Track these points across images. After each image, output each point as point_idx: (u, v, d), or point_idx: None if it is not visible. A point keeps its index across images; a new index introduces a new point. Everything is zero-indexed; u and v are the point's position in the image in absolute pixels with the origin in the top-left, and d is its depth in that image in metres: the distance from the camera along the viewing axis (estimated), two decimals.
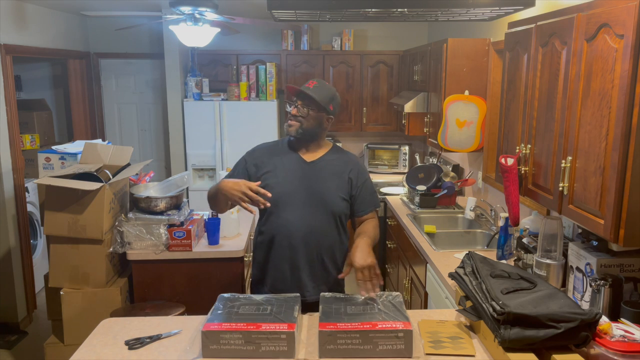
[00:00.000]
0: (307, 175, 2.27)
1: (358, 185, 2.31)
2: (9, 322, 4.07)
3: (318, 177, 2.27)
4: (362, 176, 2.34)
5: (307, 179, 2.26)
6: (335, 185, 2.27)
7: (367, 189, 2.34)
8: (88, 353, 1.81)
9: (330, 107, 2.26)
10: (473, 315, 1.85)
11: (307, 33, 5.32)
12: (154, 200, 3.00)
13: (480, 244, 3.33)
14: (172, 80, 5.12)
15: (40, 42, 4.57)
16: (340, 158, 2.34)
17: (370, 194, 2.36)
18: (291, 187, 2.24)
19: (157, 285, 3.02)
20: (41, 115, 5.30)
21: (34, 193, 4.37)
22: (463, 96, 3.63)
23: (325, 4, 2.70)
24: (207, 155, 5.09)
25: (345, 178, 2.29)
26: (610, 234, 1.72)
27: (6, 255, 4.03)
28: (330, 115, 2.29)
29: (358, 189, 2.32)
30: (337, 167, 2.31)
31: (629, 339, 1.61)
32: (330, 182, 2.27)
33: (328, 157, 2.32)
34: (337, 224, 2.30)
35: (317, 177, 2.27)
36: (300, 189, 2.24)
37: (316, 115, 2.24)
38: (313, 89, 2.23)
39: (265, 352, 1.71)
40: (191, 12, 3.86)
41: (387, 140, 5.66)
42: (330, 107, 2.26)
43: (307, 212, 2.23)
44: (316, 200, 2.24)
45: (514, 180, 2.36)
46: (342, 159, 2.34)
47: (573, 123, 1.94)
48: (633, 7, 1.56)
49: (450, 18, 3.13)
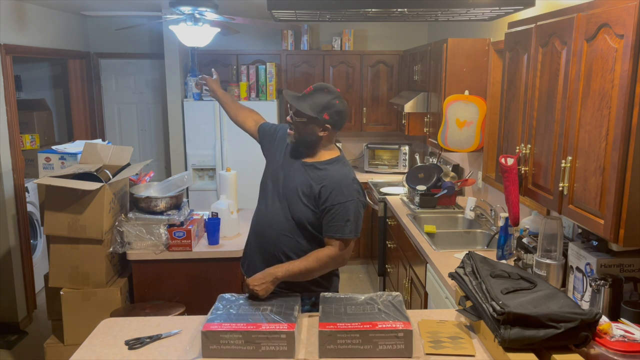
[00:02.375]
0: (288, 171, 2.24)
1: (326, 205, 2.11)
2: (9, 322, 4.07)
3: (293, 176, 2.20)
4: (335, 199, 2.10)
5: (285, 175, 2.25)
6: (302, 190, 2.15)
7: (333, 213, 2.10)
8: (88, 353, 1.81)
9: (324, 116, 2.11)
10: (473, 315, 1.85)
11: (307, 33, 5.32)
12: (154, 200, 3.00)
13: (480, 244, 3.33)
14: (172, 80, 5.12)
15: (40, 42, 4.57)
16: (326, 169, 2.18)
17: (335, 220, 2.10)
18: (274, 179, 2.28)
19: (157, 285, 3.02)
20: (41, 115, 5.30)
21: (34, 193, 4.37)
22: (463, 96, 3.63)
23: (325, 4, 2.70)
24: (207, 155, 5.09)
25: (316, 189, 2.13)
26: (610, 234, 1.72)
27: (6, 255, 4.03)
28: (326, 124, 2.13)
29: (325, 209, 2.12)
30: (315, 175, 2.17)
31: (629, 339, 1.61)
32: (300, 185, 2.17)
33: (317, 164, 2.20)
34: (299, 229, 2.18)
35: (293, 175, 2.21)
36: (277, 183, 2.26)
37: (306, 125, 2.14)
38: (303, 96, 2.15)
39: (265, 352, 1.71)
40: (191, 12, 3.85)
41: (387, 140, 5.66)
42: (324, 116, 2.11)
43: (274, 206, 2.24)
44: (283, 197, 2.21)
45: (514, 180, 2.36)
46: (326, 170, 2.17)
47: (573, 123, 1.94)
48: (633, 7, 1.57)
49: (450, 18, 3.13)
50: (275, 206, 2.23)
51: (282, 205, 2.21)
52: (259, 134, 2.51)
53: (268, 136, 2.45)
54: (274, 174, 2.29)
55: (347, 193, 2.12)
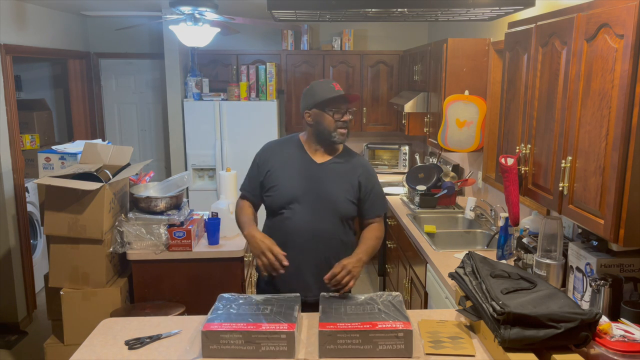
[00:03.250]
0: (316, 176, 2.27)
1: (367, 189, 2.31)
2: (9, 322, 4.07)
3: (327, 179, 2.27)
4: (372, 180, 2.34)
5: (315, 181, 2.26)
6: (344, 188, 2.27)
7: (375, 193, 2.34)
8: (88, 353, 1.81)
9: None
10: (473, 315, 1.85)
11: (307, 33, 5.32)
12: (154, 200, 3.00)
13: (480, 244, 3.33)
14: (172, 80, 5.12)
15: (40, 42, 4.57)
16: (350, 161, 2.34)
17: (378, 199, 2.36)
18: (300, 188, 2.24)
19: (157, 285, 3.02)
20: (41, 115, 5.30)
21: (34, 193, 4.37)
22: (463, 96, 3.63)
23: (325, 4, 2.70)
24: (207, 155, 5.09)
25: (355, 182, 2.29)
26: (610, 234, 1.72)
27: (6, 255, 4.03)
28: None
29: (367, 193, 2.31)
30: (347, 169, 2.30)
31: (629, 339, 1.61)
32: (339, 185, 2.27)
33: (338, 159, 2.32)
34: (345, 226, 2.30)
35: (326, 179, 2.27)
36: (309, 191, 2.24)
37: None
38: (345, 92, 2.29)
39: (265, 352, 1.71)
40: (191, 12, 3.85)
41: (387, 140, 5.66)
42: None
43: (316, 214, 2.23)
44: (324, 203, 2.24)
45: (514, 180, 2.36)
46: (352, 161, 2.34)
47: (573, 123, 1.94)
48: (633, 7, 1.56)
49: (450, 18, 3.13)
50: (316, 216, 2.23)
51: (325, 211, 2.24)
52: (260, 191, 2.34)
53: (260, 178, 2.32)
54: (300, 185, 2.25)
55: (373, 173, 2.39)
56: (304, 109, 2.29)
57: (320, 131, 2.27)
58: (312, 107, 2.26)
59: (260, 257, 2.10)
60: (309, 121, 2.29)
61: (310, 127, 2.30)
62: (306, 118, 2.29)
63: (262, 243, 2.12)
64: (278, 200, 2.24)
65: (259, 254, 2.11)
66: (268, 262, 2.08)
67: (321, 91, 2.24)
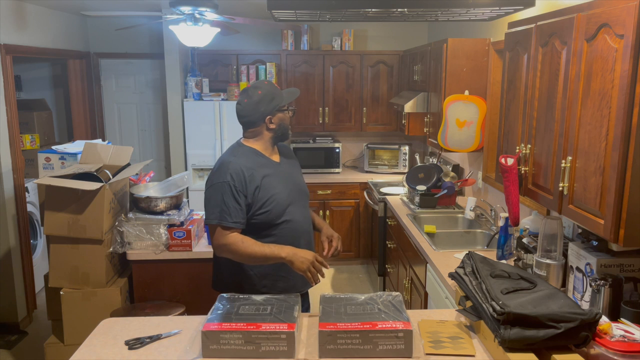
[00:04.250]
0: (285, 174, 2.33)
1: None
2: (9, 322, 4.07)
3: (293, 174, 2.38)
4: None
5: (288, 179, 2.32)
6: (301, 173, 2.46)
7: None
8: (88, 353, 1.81)
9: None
10: (473, 315, 1.85)
11: (307, 33, 5.32)
12: (154, 200, 3.00)
13: (480, 244, 3.33)
14: (172, 80, 5.12)
15: (40, 42, 4.57)
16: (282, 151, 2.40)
17: None
18: (286, 191, 2.26)
19: (157, 285, 3.03)
20: (41, 115, 5.30)
21: (34, 193, 4.37)
22: (463, 96, 3.63)
23: (325, 4, 2.70)
24: (207, 155, 5.09)
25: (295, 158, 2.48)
26: (610, 234, 1.72)
27: (6, 255, 4.03)
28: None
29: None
30: (291, 159, 2.43)
31: (629, 339, 1.61)
32: (300, 175, 2.44)
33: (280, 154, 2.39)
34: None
35: (292, 173, 2.38)
36: (291, 190, 2.29)
37: None
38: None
39: (265, 352, 1.71)
40: (191, 12, 3.85)
41: (387, 140, 5.66)
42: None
43: (304, 209, 2.36)
44: (302, 195, 2.37)
45: (514, 180, 2.36)
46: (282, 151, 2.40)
47: (573, 123, 1.94)
48: (633, 7, 1.56)
49: (450, 18, 3.13)
50: (304, 210, 2.36)
51: (304, 202, 2.37)
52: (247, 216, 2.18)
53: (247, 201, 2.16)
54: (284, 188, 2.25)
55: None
56: (265, 115, 2.21)
57: (282, 132, 2.29)
58: (276, 111, 2.23)
59: (310, 268, 2.06)
60: (272, 127, 2.24)
61: (270, 132, 2.26)
62: (268, 125, 2.23)
63: (307, 254, 2.08)
64: (276, 210, 2.19)
65: (308, 266, 2.06)
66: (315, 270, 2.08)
67: (276, 94, 2.23)
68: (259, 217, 2.18)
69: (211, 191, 2.15)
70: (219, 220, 2.10)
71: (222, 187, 2.11)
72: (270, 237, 2.22)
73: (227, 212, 2.10)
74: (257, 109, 2.20)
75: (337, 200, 5.15)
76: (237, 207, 2.11)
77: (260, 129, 2.25)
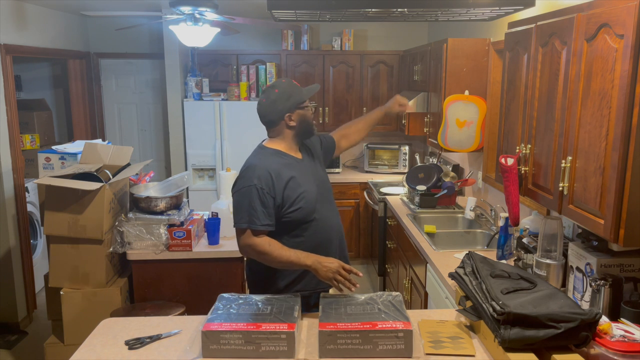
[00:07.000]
0: (311, 171, 2.29)
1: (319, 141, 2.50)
2: (9, 322, 4.07)
3: (317, 170, 2.34)
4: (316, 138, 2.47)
5: (314, 175, 2.29)
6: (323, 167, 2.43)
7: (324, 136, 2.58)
8: (88, 353, 1.81)
9: None
10: (473, 315, 1.85)
11: (307, 33, 5.32)
12: (154, 200, 3.00)
13: (480, 244, 3.33)
14: (172, 80, 5.12)
15: (40, 42, 4.57)
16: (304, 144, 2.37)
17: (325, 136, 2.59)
18: (314, 188, 2.23)
19: (157, 285, 3.03)
20: (41, 115, 5.30)
21: (34, 193, 4.37)
22: (463, 96, 3.63)
23: (325, 4, 2.70)
24: (207, 155, 5.09)
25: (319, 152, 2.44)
26: (610, 234, 1.72)
27: (6, 255, 4.03)
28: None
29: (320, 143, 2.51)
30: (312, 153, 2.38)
31: (629, 339, 1.61)
32: (324, 170, 2.41)
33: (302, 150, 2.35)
34: None
35: (317, 170, 2.34)
36: (318, 187, 2.26)
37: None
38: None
39: (265, 352, 1.71)
40: (191, 12, 3.85)
41: (387, 140, 5.66)
42: None
43: (332, 206, 2.34)
44: (329, 192, 2.36)
45: (514, 180, 2.36)
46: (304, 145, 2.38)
47: (573, 123, 1.94)
48: (633, 7, 1.56)
49: (450, 18, 3.13)
50: (332, 207, 2.34)
51: (331, 199, 2.36)
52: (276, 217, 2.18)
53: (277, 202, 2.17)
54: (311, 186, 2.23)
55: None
56: (283, 113, 2.19)
57: (304, 129, 2.26)
58: (295, 108, 2.20)
59: (336, 277, 2.01)
60: (292, 124, 2.21)
61: (292, 129, 2.23)
62: (288, 122, 2.21)
63: (331, 265, 2.03)
64: (308, 206, 2.17)
65: (334, 274, 2.01)
66: (343, 279, 2.02)
67: (294, 91, 2.21)
68: (290, 216, 2.15)
69: (238, 196, 2.14)
70: (249, 224, 2.09)
71: (249, 191, 2.09)
72: (301, 237, 2.19)
73: (255, 216, 2.08)
74: (275, 108, 2.19)
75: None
76: (265, 209, 2.10)
77: (281, 127, 2.23)
